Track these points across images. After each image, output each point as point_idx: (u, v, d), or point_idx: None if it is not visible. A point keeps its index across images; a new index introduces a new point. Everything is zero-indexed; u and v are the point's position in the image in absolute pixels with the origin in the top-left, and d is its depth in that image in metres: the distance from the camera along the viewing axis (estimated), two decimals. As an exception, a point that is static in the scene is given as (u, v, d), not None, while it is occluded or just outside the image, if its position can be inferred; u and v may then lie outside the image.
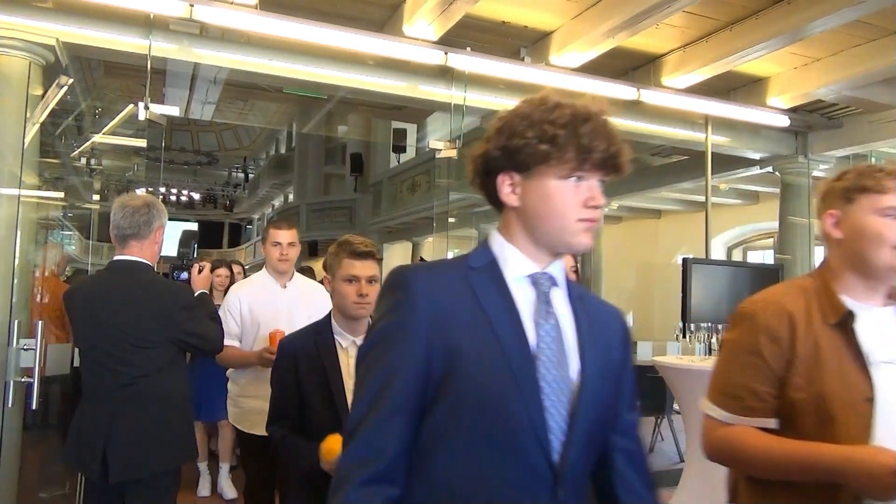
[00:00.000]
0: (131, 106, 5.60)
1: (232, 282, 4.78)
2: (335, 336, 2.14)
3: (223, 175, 26.88)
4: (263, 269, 3.22)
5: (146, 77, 4.30)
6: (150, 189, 16.06)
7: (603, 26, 4.43)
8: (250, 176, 25.84)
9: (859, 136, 6.36)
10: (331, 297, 2.22)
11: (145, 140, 5.10)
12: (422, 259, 6.18)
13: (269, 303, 3.06)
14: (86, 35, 4.09)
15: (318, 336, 2.13)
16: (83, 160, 7.67)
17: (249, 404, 3.01)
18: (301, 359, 2.08)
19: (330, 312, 2.21)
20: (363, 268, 2.10)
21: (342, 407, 1.97)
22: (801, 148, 6.68)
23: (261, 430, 2.41)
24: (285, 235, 3.12)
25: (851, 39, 4.88)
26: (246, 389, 3.06)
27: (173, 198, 24.81)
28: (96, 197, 7.91)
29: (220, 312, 2.86)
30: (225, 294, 4.05)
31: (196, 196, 26.84)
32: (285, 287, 3.14)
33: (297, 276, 3.26)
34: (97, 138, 6.21)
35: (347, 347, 2.13)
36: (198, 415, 4.17)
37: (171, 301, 2.39)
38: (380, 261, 2.18)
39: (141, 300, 2.35)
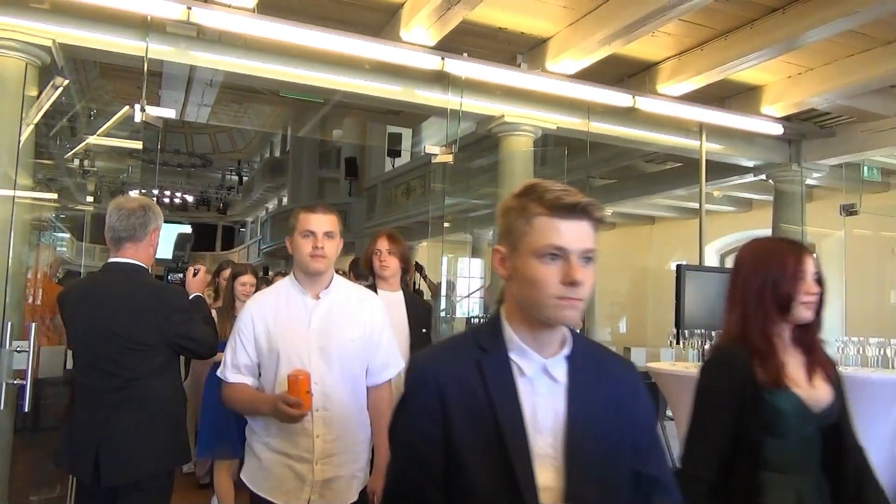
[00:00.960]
0: (126, 108, 5.59)
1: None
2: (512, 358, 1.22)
3: (217, 177, 26.80)
4: (290, 275, 2.26)
5: (142, 79, 4.30)
6: (143, 191, 16.01)
7: (599, 34, 4.45)
8: (244, 179, 25.77)
9: (852, 144, 6.42)
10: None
11: (141, 142, 5.08)
12: (418, 265, 6.15)
13: (292, 322, 2.14)
14: (83, 37, 4.09)
15: (483, 355, 1.22)
16: (77, 161, 7.65)
17: (273, 463, 2.12)
18: (453, 396, 1.18)
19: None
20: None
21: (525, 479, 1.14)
22: (795, 156, 6.73)
23: (284, 499, 2.05)
24: (321, 221, 2.14)
25: (845, 49, 4.92)
26: (274, 443, 2.12)
27: (167, 200, 24.72)
28: (90, 199, 7.87)
29: (230, 338, 2.21)
30: None
31: (189, 198, 26.74)
32: (318, 298, 2.17)
33: (340, 281, 2.27)
34: (92, 140, 6.19)
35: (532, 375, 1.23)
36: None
37: (167, 304, 2.38)
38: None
39: (136, 303, 2.34)
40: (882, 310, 7.51)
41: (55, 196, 8.32)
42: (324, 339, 2.12)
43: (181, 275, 2.68)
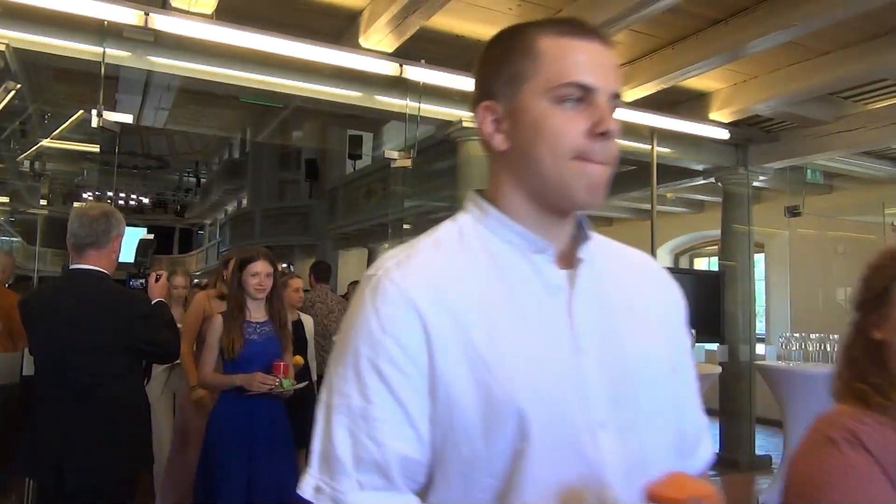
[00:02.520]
0: (81, 111, 5.54)
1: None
2: None
3: (174, 179, 26.37)
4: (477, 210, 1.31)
5: (97, 83, 4.28)
6: (97, 193, 15.70)
7: (553, 42, 4.59)
8: (202, 180, 25.42)
9: (795, 149, 6.70)
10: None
11: (98, 145, 5.04)
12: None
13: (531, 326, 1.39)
14: (38, 41, 4.06)
15: None
16: (28, 164, 7.51)
17: None
18: None
19: None
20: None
21: None
22: (742, 160, 6.99)
23: None
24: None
25: (785, 59, 5.16)
26: None
27: (122, 202, 24.24)
28: (43, 202, 7.74)
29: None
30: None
31: (146, 200, 26.28)
32: (573, 268, 1.73)
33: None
34: (46, 143, 6.11)
35: None
36: None
37: (129, 309, 2.42)
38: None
39: (99, 308, 2.38)
40: (828, 307, 7.84)
41: (6, 199, 8.16)
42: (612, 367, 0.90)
43: (143, 280, 2.69)
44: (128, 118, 4.41)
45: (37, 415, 2.41)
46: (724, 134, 6.17)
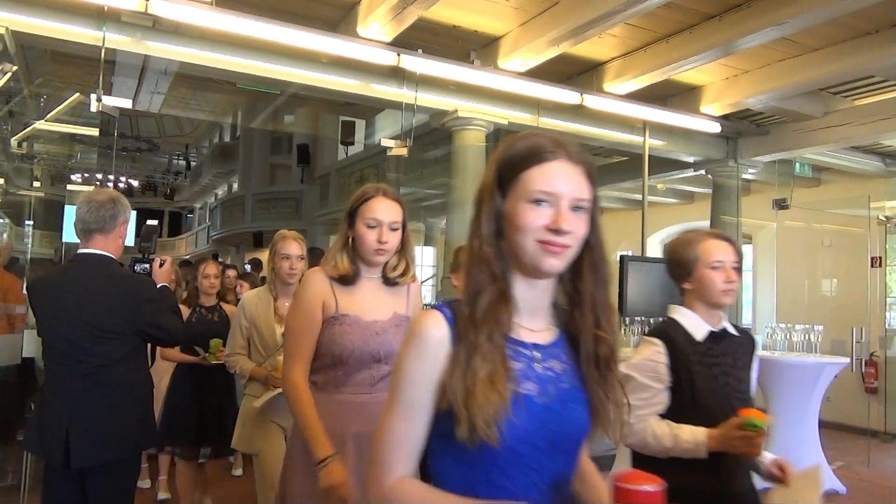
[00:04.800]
0: (77, 94, 5.54)
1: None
2: None
3: (163, 162, 26.21)
4: None
5: (95, 67, 4.30)
6: (86, 175, 15.58)
7: (548, 34, 4.65)
8: (192, 164, 25.28)
9: (784, 142, 6.80)
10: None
11: (97, 129, 5.05)
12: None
13: None
14: (39, 24, 4.07)
15: None
16: (18, 145, 7.48)
17: None
18: None
19: None
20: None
21: None
22: (732, 153, 7.10)
23: None
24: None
25: (777, 54, 5.24)
26: None
27: (110, 184, 24.06)
28: (36, 184, 7.71)
29: None
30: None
31: (135, 183, 26.09)
32: None
33: None
34: (42, 125, 6.10)
35: None
36: None
37: (135, 294, 2.48)
38: None
39: (105, 292, 2.43)
40: (813, 298, 7.98)
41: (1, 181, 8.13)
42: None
43: (147, 265, 2.73)
44: (126, 103, 4.44)
45: (45, 394, 2.47)
46: (715, 127, 6.26)
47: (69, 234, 4.10)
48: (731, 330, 1.99)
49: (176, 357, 3.79)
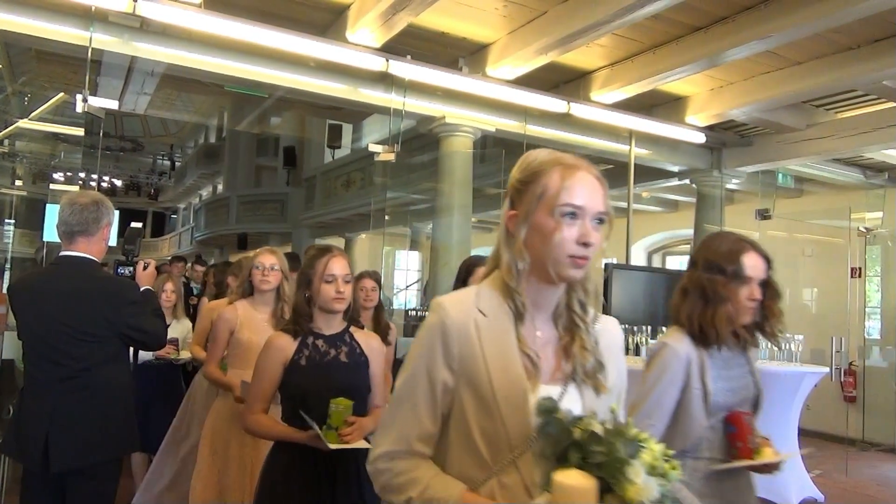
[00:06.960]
0: (62, 94, 5.49)
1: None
2: None
3: (148, 162, 25.99)
4: None
5: (80, 66, 4.28)
6: (69, 174, 15.42)
7: (537, 43, 4.68)
8: (177, 164, 25.08)
9: (768, 154, 6.88)
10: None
11: (83, 129, 5.01)
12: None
13: None
14: (25, 24, 4.03)
15: None
16: (5, 143, 7.40)
17: None
18: None
19: None
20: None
21: None
22: (716, 163, 7.17)
23: None
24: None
25: (761, 67, 5.31)
26: None
27: (93, 184, 23.82)
28: (18, 182, 7.64)
29: None
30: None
31: (118, 183, 25.83)
32: None
33: None
34: (24, 124, 6.04)
35: None
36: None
37: (118, 297, 2.45)
38: None
39: (88, 295, 2.40)
40: (794, 308, 8.06)
41: (-20, 180, 8.03)
42: None
43: (131, 268, 2.70)
44: (113, 104, 4.41)
45: (24, 397, 2.44)
46: (699, 137, 6.33)
47: (51, 234, 4.05)
48: None
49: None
